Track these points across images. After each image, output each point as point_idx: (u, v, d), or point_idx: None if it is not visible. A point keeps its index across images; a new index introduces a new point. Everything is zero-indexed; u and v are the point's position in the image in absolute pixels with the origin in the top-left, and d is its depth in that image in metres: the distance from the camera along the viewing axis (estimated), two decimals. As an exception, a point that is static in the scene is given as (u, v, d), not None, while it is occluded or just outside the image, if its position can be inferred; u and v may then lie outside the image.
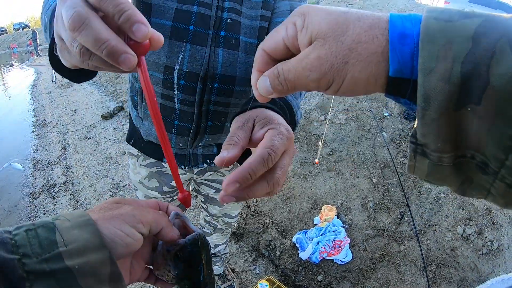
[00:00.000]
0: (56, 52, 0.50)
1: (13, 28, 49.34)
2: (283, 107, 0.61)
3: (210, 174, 1.25)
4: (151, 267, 0.47)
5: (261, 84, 0.38)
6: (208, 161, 1.11)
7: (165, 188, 1.22)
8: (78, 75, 0.66)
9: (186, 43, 0.86)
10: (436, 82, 0.27)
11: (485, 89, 0.24)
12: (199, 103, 0.94)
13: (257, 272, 2.21)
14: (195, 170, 1.18)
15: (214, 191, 1.34)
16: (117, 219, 0.37)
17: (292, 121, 0.63)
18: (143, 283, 1.85)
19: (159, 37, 0.40)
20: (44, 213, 2.98)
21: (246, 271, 2.22)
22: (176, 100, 0.94)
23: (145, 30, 0.37)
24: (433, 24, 0.28)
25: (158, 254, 0.45)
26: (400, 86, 0.31)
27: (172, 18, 0.84)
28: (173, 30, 0.85)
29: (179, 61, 0.88)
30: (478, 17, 0.27)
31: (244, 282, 2.14)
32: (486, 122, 0.25)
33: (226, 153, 0.46)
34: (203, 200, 1.45)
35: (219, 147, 1.11)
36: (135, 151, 1.17)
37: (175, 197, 1.32)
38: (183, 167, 1.11)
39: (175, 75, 0.90)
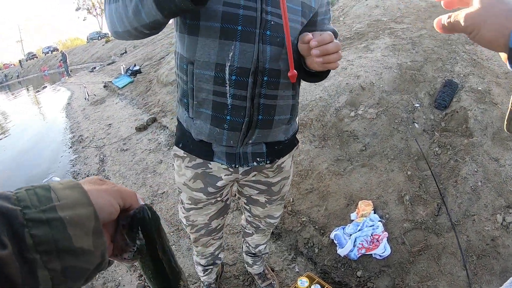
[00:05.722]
0: None
1: (42, 52, 51.48)
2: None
3: (255, 175, 1.26)
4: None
5: (439, 20, 0.58)
6: (258, 159, 1.14)
7: (210, 189, 1.23)
8: None
9: (236, 41, 0.94)
10: None
11: None
12: (251, 96, 1.00)
13: (297, 270, 2.23)
14: (241, 170, 1.20)
15: (257, 191, 1.35)
16: (104, 191, 0.45)
17: None
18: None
19: None
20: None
21: (285, 270, 2.24)
22: (228, 96, 1.00)
23: None
24: None
25: (117, 234, 0.49)
26: None
27: (220, 20, 0.92)
28: (222, 31, 0.93)
29: (230, 58, 0.96)
30: None
31: (284, 280, 2.16)
32: None
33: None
34: (245, 201, 1.47)
35: (268, 146, 1.14)
36: (181, 152, 1.20)
37: (219, 199, 1.32)
38: (233, 165, 1.14)
39: (227, 72, 0.97)
